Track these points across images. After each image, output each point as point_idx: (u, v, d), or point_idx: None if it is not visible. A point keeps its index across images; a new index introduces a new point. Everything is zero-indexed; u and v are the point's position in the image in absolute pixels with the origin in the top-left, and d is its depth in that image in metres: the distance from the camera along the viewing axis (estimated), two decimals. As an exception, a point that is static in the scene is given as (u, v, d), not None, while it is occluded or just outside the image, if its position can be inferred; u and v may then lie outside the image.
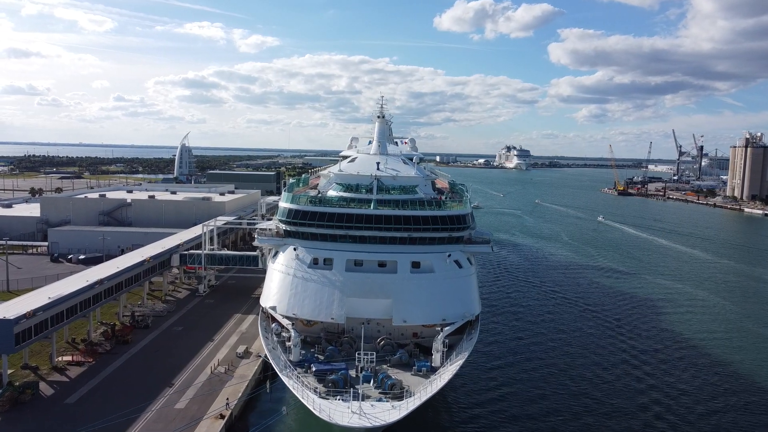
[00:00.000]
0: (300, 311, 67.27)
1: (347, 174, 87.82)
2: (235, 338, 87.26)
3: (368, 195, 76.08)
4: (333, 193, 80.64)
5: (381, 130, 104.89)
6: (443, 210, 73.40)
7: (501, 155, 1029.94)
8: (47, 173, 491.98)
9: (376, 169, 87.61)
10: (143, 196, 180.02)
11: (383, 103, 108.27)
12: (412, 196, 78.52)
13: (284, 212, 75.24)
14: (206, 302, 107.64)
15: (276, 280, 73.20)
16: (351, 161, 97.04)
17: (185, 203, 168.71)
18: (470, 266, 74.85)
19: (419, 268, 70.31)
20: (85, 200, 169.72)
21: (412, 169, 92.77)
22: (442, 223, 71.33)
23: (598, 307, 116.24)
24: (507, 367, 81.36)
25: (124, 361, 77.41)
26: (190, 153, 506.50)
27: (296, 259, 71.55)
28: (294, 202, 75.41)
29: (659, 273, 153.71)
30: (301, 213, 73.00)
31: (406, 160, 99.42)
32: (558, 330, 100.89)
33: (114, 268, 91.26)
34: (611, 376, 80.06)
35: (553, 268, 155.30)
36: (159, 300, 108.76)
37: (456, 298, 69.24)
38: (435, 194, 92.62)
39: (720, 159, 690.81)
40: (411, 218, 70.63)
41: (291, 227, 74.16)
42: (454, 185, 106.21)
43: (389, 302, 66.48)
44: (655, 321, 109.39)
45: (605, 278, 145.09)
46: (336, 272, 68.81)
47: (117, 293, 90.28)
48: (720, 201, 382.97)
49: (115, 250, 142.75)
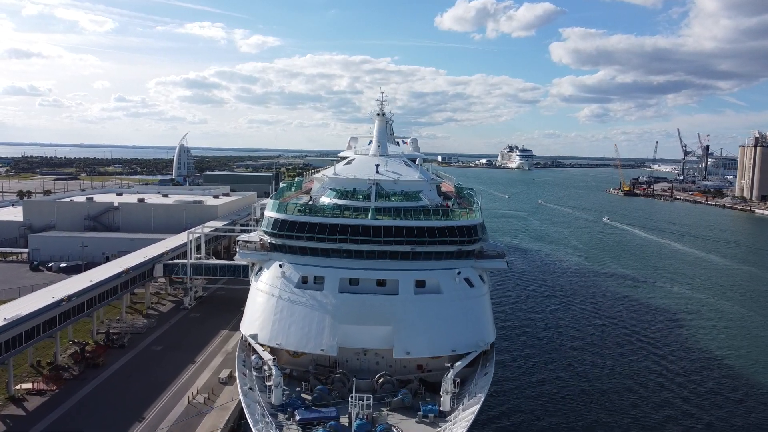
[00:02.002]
0: (285, 340, 58.26)
1: (343, 178, 78.86)
2: (220, 359, 78.80)
3: (366, 202, 66.76)
4: (326, 200, 71.16)
5: (381, 129, 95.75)
6: (452, 220, 64.05)
7: (503, 155, 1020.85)
8: (44, 174, 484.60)
9: (375, 172, 78.99)
10: (132, 199, 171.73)
11: (383, 101, 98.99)
12: (415, 204, 69.32)
13: (269, 222, 65.79)
14: (191, 316, 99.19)
15: (258, 302, 64.16)
16: (347, 163, 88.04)
17: (175, 207, 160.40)
18: (482, 284, 65.64)
19: (424, 288, 61.20)
20: (70, 204, 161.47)
21: (415, 172, 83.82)
22: (451, 235, 61.92)
23: (623, 323, 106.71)
24: (528, 409, 70.92)
25: (92, 388, 68.83)
26: (189, 154, 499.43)
27: (282, 277, 62.43)
28: (280, 210, 65.94)
29: (678, 281, 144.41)
30: (289, 224, 63.49)
31: (408, 162, 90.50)
32: (578, 349, 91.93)
33: (86, 281, 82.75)
34: (658, 415, 70.72)
35: (564, 276, 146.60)
36: (140, 314, 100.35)
37: (467, 324, 60.18)
38: (441, 200, 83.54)
39: (725, 158, 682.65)
40: (414, 229, 61.25)
41: (277, 240, 64.84)
42: (461, 189, 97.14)
43: (389, 330, 57.48)
44: (685, 338, 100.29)
45: (623, 288, 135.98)
46: (327, 293, 59.78)
47: (89, 309, 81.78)
48: (729, 202, 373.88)
49: (100, 257, 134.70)
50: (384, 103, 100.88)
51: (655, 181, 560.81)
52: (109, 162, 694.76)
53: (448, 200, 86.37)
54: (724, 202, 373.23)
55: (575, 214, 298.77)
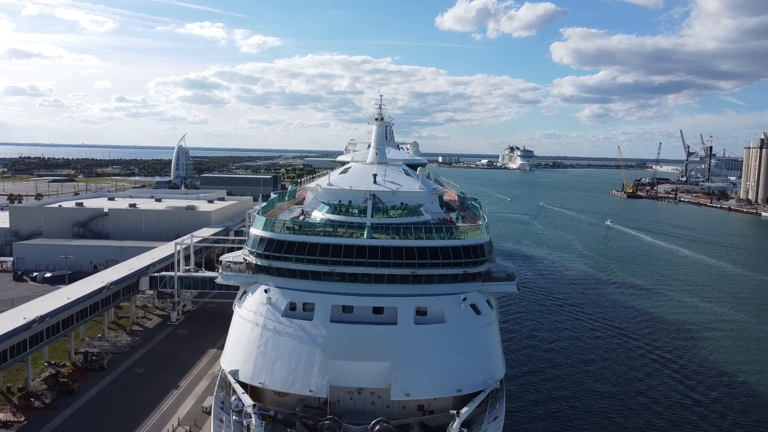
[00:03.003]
0: (269, 379, 52.29)
1: (337, 189, 72.84)
2: (205, 384, 73.23)
3: (361, 218, 60.64)
4: (318, 215, 65.06)
5: (379, 135, 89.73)
6: (456, 239, 57.89)
7: (504, 156, 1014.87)
8: (40, 176, 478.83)
9: (372, 182, 73.33)
10: (123, 204, 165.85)
11: (382, 104, 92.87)
12: (416, 219, 63.12)
13: (255, 241, 59.49)
14: (178, 333, 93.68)
15: (241, 332, 58.08)
16: (343, 172, 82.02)
17: (167, 213, 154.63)
18: (490, 311, 59.42)
19: (426, 316, 55.03)
20: (58, 210, 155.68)
21: (416, 182, 77.79)
22: (455, 256, 55.79)
23: (636, 339, 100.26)
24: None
25: (63, 419, 63.36)
26: (187, 155, 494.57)
27: (268, 303, 56.42)
28: (267, 228, 59.72)
29: (691, 292, 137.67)
30: (276, 243, 57.28)
31: (408, 171, 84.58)
32: (590, 373, 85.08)
33: (63, 298, 77.17)
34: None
35: (570, 285, 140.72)
36: (125, 329, 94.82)
37: (474, 358, 54.17)
38: (444, 213, 77.32)
39: (728, 159, 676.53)
40: (415, 250, 55.21)
41: (263, 261, 58.81)
42: (464, 200, 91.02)
43: (386, 366, 51.47)
44: (703, 357, 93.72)
45: (633, 299, 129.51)
46: (318, 323, 53.71)
47: (66, 329, 76.18)
48: (734, 204, 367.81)
49: (87, 266, 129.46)
50: (383, 107, 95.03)
51: (657, 182, 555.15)
52: (107, 163, 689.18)
53: (451, 211, 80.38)
54: (730, 205, 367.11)
55: (578, 218, 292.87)
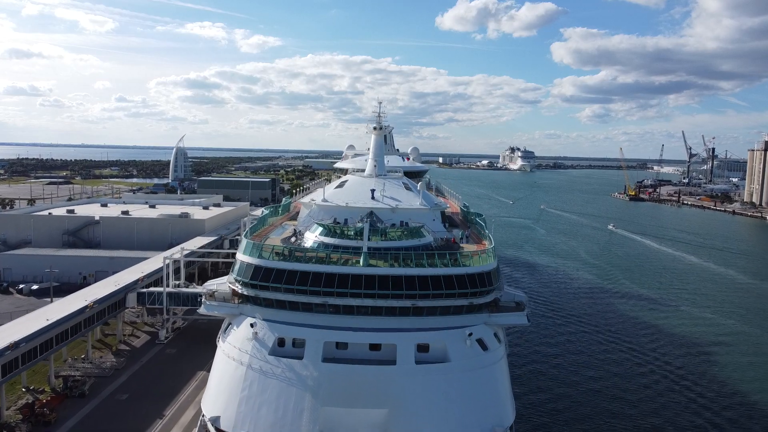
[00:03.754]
0: (253, 427, 47.52)
1: (333, 206, 68.02)
2: (191, 413, 68.47)
3: (358, 241, 55.82)
4: (311, 237, 60.52)
5: (377, 145, 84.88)
6: (461, 265, 53.19)
7: (505, 156, 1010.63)
8: (38, 178, 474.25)
9: (370, 198, 68.69)
10: (116, 212, 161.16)
11: (381, 112, 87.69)
12: (417, 242, 58.55)
13: (242, 269, 54.71)
14: (167, 352, 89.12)
15: (224, 371, 53.22)
16: (339, 186, 77.12)
17: (160, 221, 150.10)
18: (498, 346, 54.65)
19: (428, 353, 50.44)
20: (48, 218, 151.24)
21: (416, 198, 72.83)
22: (460, 285, 51.10)
23: (645, 355, 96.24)
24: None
25: (37, 456, 58.88)
26: (186, 156, 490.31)
27: (254, 339, 51.80)
28: (254, 253, 55.00)
29: (701, 304, 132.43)
30: (263, 271, 52.51)
31: (409, 184, 79.59)
32: (601, 393, 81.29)
33: (42, 320, 72.50)
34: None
35: (575, 296, 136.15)
36: (111, 349, 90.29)
37: (482, 403, 49.41)
38: (446, 232, 72.36)
39: (730, 161, 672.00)
40: (416, 279, 50.48)
41: (249, 291, 54.02)
42: (468, 213, 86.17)
43: (384, 414, 46.80)
44: (722, 379, 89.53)
45: (641, 312, 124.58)
46: (308, 363, 48.99)
47: (45, 354, 71.53)
48: (739, 207, 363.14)
49: (76, 277, 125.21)
50: (381, 115, 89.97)
51: (659, 183, 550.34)
52: (105, 164, 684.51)
53: (454, 228, 75.63)
54: (734, 208, 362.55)
55: (581, 222, 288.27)
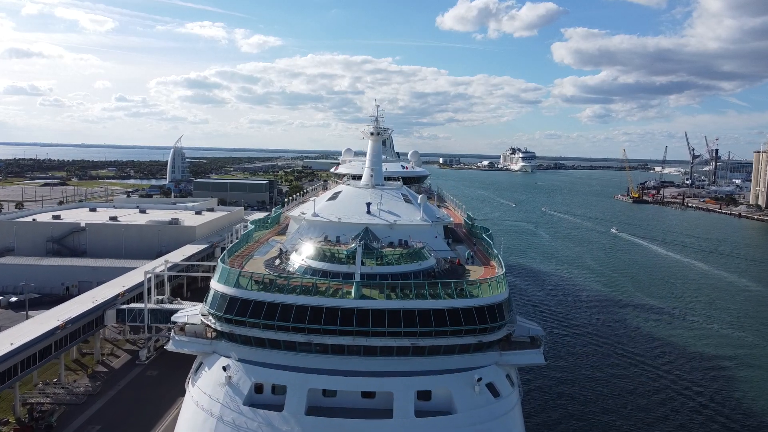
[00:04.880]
0: None
1: (324, 221, 61.24)
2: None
3: (349, 266, 49.04)
4: (297, 260, 53.69)
5: (375, 152, 78.08)
6: (468, 296, 45.87)
7: (506, 157, 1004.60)
8: (33, 179, 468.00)
9: (365, 211, 62.20)
10: (104, 217, 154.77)
11: (378, 116, 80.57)
12: (418, 266, 51.68)
13: (215, 300, 47.66)
14: (147, 375, 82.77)
15: (193, 423, 45.73)
16: (332, 198, 70.17)
17: (148, 228, 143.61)
18: (511, 390, 47.48)
19: (430, 401, 43.57)
20: (32, 224, 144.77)
21: (417, 211, 66.02)
22: (467, 320, 43.95)
23: (664, 377, 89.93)
24: None
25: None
26: (183, 157, 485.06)
27: (227, 385, 45.17)
28: (230, 281, 47.77)
29: (719, 318, 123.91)
30: (240, 303, 45.39)
31: (408, 195, 72.78)
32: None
33: (6, 345, 66.17)
34: None
35: (584, 308, 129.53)
36: (87, 370, 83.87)
37: None
38: (450, 250, 65.21)
39: (732, 162, 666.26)
40: (416, 314, 43.56)
41: (224, 326, 46.94)
42: (473, 227, 79.08)
43: None
44: (747, 399, 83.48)
45: (656, 328, 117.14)
46: (289, 416, 42.10)
47: (9, 381, 65.20)
48: (745, 210, 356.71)
49: (58, 287, 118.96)
50: (380, 119, 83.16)
51: (662, 185, 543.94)
52: (103, 165, 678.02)
53: (458, 243, 68.93)
54: (740, 211, 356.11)
55: (585, 225, 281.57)
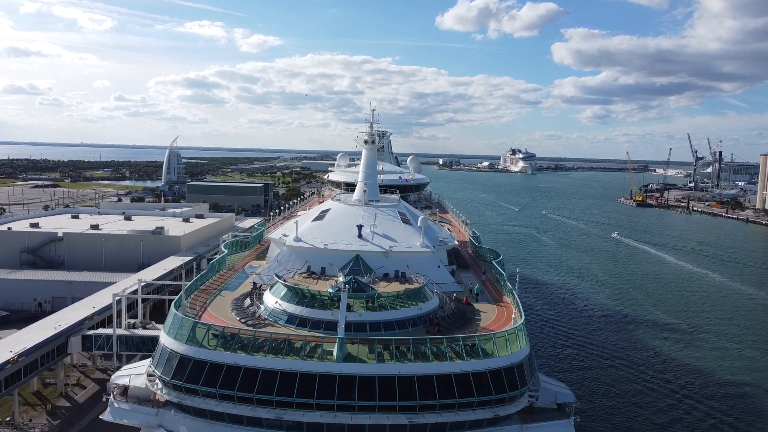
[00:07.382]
0: None
1: (308, 248, 52.05)
2: None
3: (332, 312, 39.54)
4: (271, 301, 44.61)
5: (369, 162, 68.88)
6: (480, 356, 36.33)
7: (506, 158, 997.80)
8: (26, 180, 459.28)
9: (356, 235, 53.32)
10: (85, 225, 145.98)
11: (373, 121, 71.77)
12: (418, 310, 42.65)
13: (163, 358, 37.98)
14: (114, 411, 73.73)
15: None
16: (318, 218, 61.10)
17: (130, 239, 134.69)
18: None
19: None
20: (6, 234, 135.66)
21: (417, 235, 56.82)
22: (480, 388, 34.45)
23: (689, 403, 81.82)
24: None
25: None
26: (179, 158, 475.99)
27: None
28: (181, 335, 37.84)
29: (743, 339, 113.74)
30: (193, 365, 35.76)
31: (406, 213, 63.74)
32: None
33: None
34: None
35: (593, 323, 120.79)
36: (47, 405, 75.08)
37: None
38: (455, 282, 56.21)
39: (735, 164, 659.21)
40: (415, 380, 34.52)
41: (173, 394, 37.20)
42: (479, 249, 69.82)
43: None
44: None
45: (676, 347, 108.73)
46: None
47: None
48: (752, 215, 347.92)
49: (30, 303, 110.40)
50: (375, 124, 74.32)
51: (665, 188, 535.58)
52: (99, 165, 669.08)
53: (463, 270, 60.00)
54: (747, 216, 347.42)
55: (589, 231, 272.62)
